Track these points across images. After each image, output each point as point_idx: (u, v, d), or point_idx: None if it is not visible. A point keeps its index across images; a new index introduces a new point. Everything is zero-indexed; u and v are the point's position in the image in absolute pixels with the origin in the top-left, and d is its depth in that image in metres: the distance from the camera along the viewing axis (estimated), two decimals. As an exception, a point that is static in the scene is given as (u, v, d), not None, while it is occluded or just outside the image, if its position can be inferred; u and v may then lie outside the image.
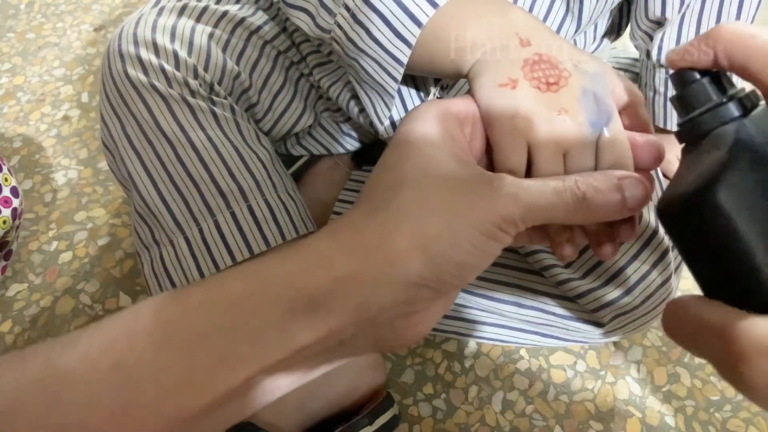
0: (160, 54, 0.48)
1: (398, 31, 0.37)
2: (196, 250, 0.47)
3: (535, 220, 0.27)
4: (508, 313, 0.57)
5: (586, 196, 0.27)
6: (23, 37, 1.05)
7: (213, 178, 0.47)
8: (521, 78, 0.32)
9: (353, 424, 0.53)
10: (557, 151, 0.31)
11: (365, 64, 0.40)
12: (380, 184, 0.28)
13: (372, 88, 0.43)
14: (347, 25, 0.39)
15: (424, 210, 0.26)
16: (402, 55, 0.38)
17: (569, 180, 0.27)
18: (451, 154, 0.28)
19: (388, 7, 0.37)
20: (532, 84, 0.31)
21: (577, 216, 0.27)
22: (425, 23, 0.36)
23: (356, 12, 0.38)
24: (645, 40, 0.64)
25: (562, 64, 0.32)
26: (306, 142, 0.65)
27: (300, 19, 0.43)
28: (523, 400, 0.61)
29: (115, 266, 0.74)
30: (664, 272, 0.50)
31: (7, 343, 0.68)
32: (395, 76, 0.39)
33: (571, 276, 0.52)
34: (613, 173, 0.28)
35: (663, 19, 0.60)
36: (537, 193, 0.27)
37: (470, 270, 0.27)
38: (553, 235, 0.32)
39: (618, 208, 0.28)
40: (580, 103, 0.31)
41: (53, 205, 0.81)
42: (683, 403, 0.60)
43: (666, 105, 0.68)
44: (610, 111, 0.32)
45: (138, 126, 0.48)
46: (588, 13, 0.53)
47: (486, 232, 0.26)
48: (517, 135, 0.31)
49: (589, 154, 0.31)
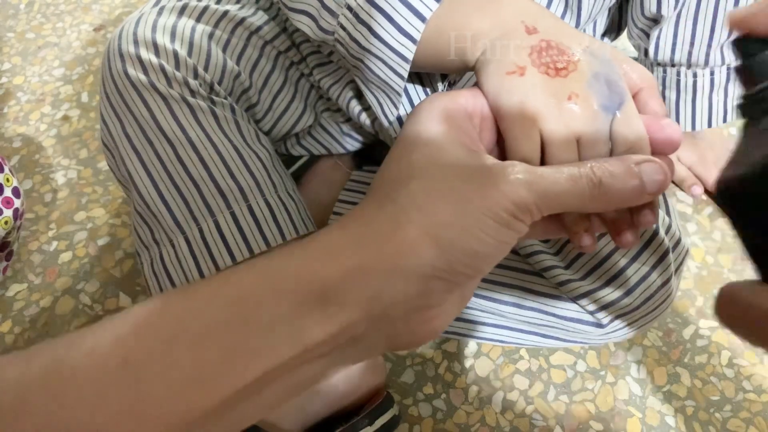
0: (160, 54, 0.48)
1: (402, 27, 0.37)
2: (196, 250, 0.47)
3: (550, 207, 0.26)
4: (508, 314, 0.57)
5: (602, 182, 0.26)
6: (23, 37, 1.05)
7: (213, 177, 0.47)
8: (529, 65, 0.31)
9: (353, 424, 0.53)
10: (569, 138, 0.30)
11: (370, 63, 0.40)
12: (389, 176, 0.28)
13: (378, 88, 0.43)
14: (350, 26, 0.39)
15: (434, 199, 0.25)
16: (407, 52, 0.37)
17: (584, 166, 0.27)
18: (459, 144, 0.27)
19: (391, 5, 0.37)
20: (540, 70, 0.31)
21: (594, 203, 0.27)
22: (429, 18, 0.36)
23: (359, 11, 0.38)
24: (642, 38, 0.64)
25: (570, 49, 0.31)
26: (306, 142, 0.65)
27: (302, 22, 0.43)
28: (523, 400, 0.61)
29: (115, 266, 0.74)
30: (664, 273, 0.50)
31: (6, 343, 0.68)
32: (401, 73, 0.39)
33: (571, 277, 0.52)
34: (630, 158, 0.28)
35: (659, 15, 0.59)
36: (551, 180, 0.26)
37: (484, 259, 0.26)
38: (569, 225, 0.31)
39: (636, 194, 0.27)
40: (591, 87, 0.30)
41: (53, 205, 0.81)
42: (683, 403, 0.60)
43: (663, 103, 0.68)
44: (623, 94, 0.31)
45: (138, 126, 0.47)
46: (587, 10, 0.52)
47: (499, 219, 0.25)
48: (527, 122, 0.30)
49: (603, 139, 0.30)
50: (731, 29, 0.24)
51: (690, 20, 0.59)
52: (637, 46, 0.66)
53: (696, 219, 0.74)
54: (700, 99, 0.65)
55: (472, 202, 0.25)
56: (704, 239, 0.71)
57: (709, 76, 0.63)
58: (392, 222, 0.25)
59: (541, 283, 0.55)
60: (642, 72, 0.33)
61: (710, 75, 0.63)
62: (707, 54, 0.62)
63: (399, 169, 0.27)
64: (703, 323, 0.65)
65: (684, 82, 0.64)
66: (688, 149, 0.74)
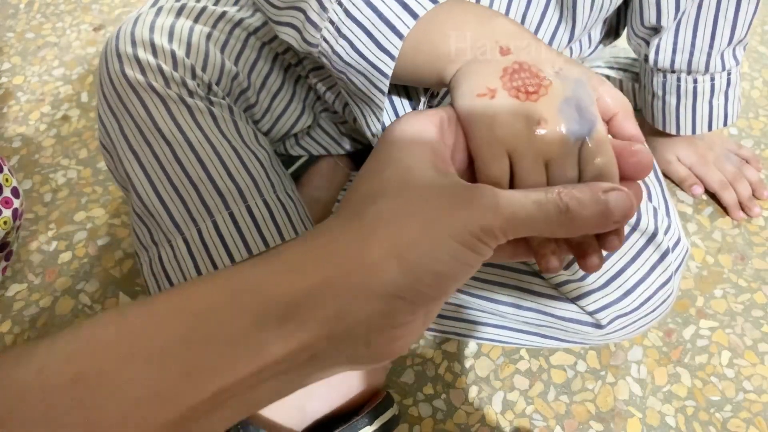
0: (158, 54, 0.48)
1: (380, 43, 0.37)
2: (194, 251, 0.47)
3: (516, 232, 0.26)
4: (508, 314, 0.57)
5: (569, 208, 0.26)
6: (23, 36, 1.05)
7: (211, 178, 0.47)
8: (500, 87, 0.31)
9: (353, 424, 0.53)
10: (538, 162, 0.30)
11: (352, 77, 0.40)
12: (359, 192, 0.28)
13: (361, 100, 0.43)
14: (332, 39, 0.39)
15: (401, 218, 0.25)
16: (386, 68, 0.38)
17: (552, 192, 0.26)
18: (430, 165, 0.27)
19: (370, 20, 0.37)
20: (511, 93, 0.31)
21: (560, 229, 0.26)
22: (406, 35, 0.36)
23: (340, 26, 0.38)
24: (642, 46, 0.64)
25: (542, 72, 0.31)
26: (305, 143, 0.65)
27: (288, 34, 0.43)
28: (523, 401, 0.61)
29: (115, 266, 0.74)
30: (664, 273, 0.50)
31: (6, 343, 0.68)
32: (381, 88, 0.39)
33: (571, 278, 0.52)
34: (598, 185, 0.27)
35: (659, 26, 0.59)
36: (518, 205, 0.26)
37: (448, 281, 0.26)
38: (536, 248, 0.31)
39: (603, 221, 0.27)
40: (561, 112, 0.30)
41: (53, 205, 0.81)
42: (684, 403, 0.60)
43: (664, 108, 0.68)
44: (593, 120, 0.31)
45: (136, 127, 0.47)
46: (582, 21, 0.52)
47: (464, 242, 0.25)
48: (496, 146, 0.30)
49: (572, 164, 0.30)
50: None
51: (690, 28, 0.59)
52: (636, 50, 0.66)
53: (696, 219, 0.73)
54: (701, 104, 0.65)
55: (438, 223, 0.25)
56: (704, 239, 0.71)
57: (709, 81, 0.63)
58: (357, 239, 0.25)
59: (540, 283, 0.55)
60: (616, 96, 0.32)
61: (711, 81, 0.63)
62: (707, 61, 0.62)
63: (369, 187, 0.27)
64: (703, 323, 0.65)
65: (684, 88, 0.64)
66: (688, 149, 0.74)
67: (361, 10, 0.37)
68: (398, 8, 0.36)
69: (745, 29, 0.60)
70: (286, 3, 0.42)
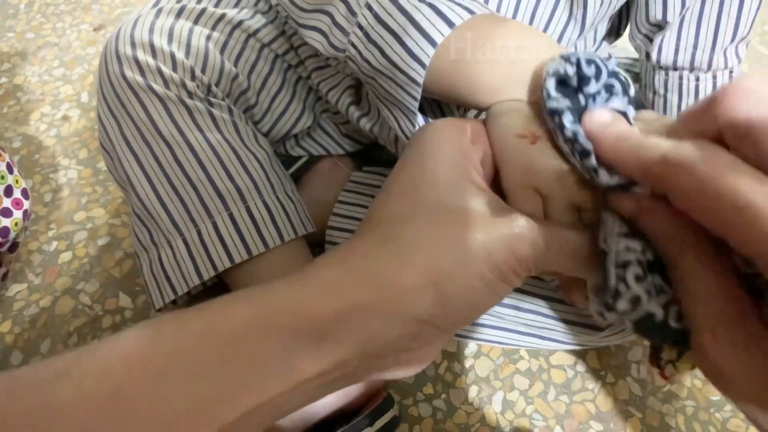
0: (158, 55, 0.48)
1: (411, 50, 0.36)
2: (194, 252, 0.47)
3: (547, 266, 0.26)
4: (507, 316, 0.57)
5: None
6: (23, 36, 1.05)
7: (211, 179, 0.47)
8: (542, 133, 0.30)
9: (354, 424, 0.53)
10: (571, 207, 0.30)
11: (383, 82, 0.39)
12: (392, 210, 0.27)
13: (392, 104, 0.42)
14: (361, 45, 0.38)
15: (439, 245, 0.25)
16: (417, 75, 0.36)
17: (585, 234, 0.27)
18: (469, 183, 0.27)
19: (401, 26, 0.36)
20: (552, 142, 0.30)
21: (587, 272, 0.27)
22: (440, 42, 0.35)
23: (369, 31, 0.37)
24: (645, 43, 0.64)
25: None
26: (305, 143, 0.65)
27: (313, 38, 0.42)
28: (523, 400, 0.61)
29: (115, 266, 0.74)
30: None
31: (6, 343, 0.68)
32: (414, 95, 0.38)
33: (570, 278, 0.52)
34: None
35: (664, 22, 0.59)
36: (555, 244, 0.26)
37: (478, 311, 0.27)
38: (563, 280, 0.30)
39: None
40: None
41: (53, 205, 0.81)
42: (683, 403, 0.60)
43: (665, 107, 0.68)
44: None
45: (135, 128, 0.47)
46: (591, 18, 0.52)
47: (500, 275, 0.25)
48: (529, 188, 0.30)
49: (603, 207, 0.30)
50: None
51: (693, 25, 0.59)
52: (638, 48, 0.66)
53: (696, 218, 0.73)
54: None
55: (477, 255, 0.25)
56: (705, 238, 0.71)
57: (711, 80, 0.63)
58: (395, 263, 0.25)
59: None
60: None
61: (713, 79, 0.63)
62: (710, 59, 0.62)
63: (404, 205, 0.27)
64: (703, 323, 0.65)
65: (686, 86, 0.64)
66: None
67: (392, 15, 0.36)
68: (432, 15, 0.35)
69: (749, 26, 0.60)
70: (313, 5, 0.41)
